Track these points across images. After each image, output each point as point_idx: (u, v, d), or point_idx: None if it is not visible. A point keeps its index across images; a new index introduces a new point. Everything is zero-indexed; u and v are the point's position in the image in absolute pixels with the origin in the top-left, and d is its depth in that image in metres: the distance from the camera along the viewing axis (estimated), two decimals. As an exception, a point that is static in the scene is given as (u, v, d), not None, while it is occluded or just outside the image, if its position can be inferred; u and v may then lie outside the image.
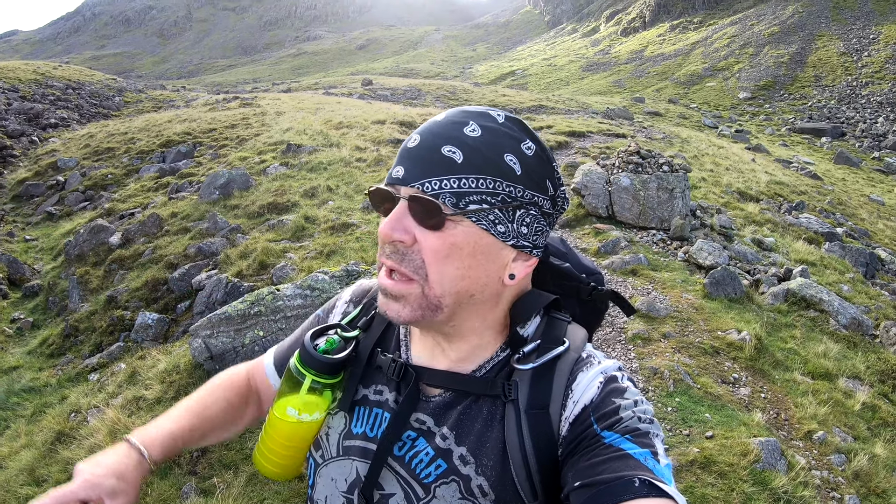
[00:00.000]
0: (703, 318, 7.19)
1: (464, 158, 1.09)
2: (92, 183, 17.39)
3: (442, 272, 1.10)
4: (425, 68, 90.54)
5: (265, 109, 24.16)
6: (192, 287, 9.45)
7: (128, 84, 46.37)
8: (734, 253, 9.87)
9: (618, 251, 9.41)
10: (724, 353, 6.51)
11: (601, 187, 11.10)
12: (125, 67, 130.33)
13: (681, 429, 5.08)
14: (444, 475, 1.14)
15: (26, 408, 7.88)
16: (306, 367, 1.24)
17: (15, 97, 29.22)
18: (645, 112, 38.69)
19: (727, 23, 77.40)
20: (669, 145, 20.13)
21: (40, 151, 21.81)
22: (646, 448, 1.01)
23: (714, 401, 5.53)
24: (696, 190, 13.89)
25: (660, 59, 71.81)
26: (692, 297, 7.74)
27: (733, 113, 47.97)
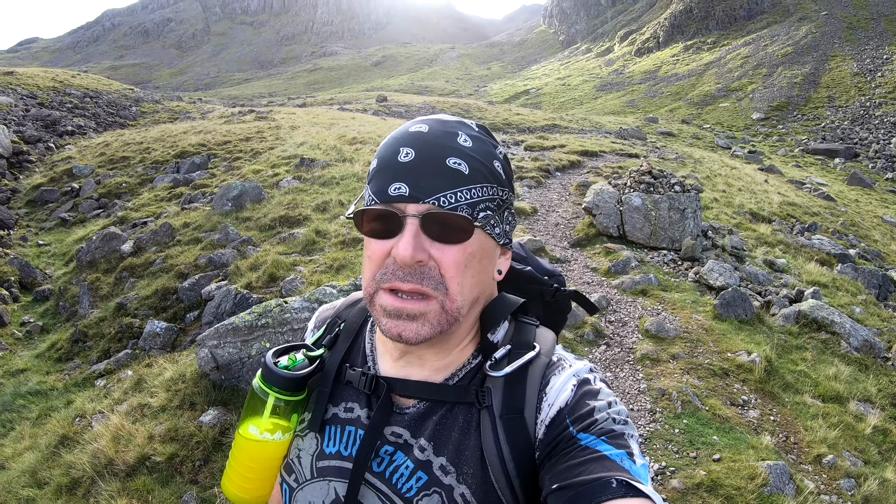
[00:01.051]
0: (712, 340, 7.14)
1: (469, 170, 1.11)
2: (106, 191, 17.54)
3: (462, 283, 1.11)
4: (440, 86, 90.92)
5: (280, 123, 24.33)
6: (201, 297, 9.47)
7: (145, 94, 46.84)
8: (745, 274, 9.82)
9: (628, 271, 9.38)
10: (733, 374, 6.46)
11: (612, 207, 11.09)
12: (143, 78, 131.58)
13: (688, 451, 5.04)
14: (426, 487, 1.13)
15: (32, 410, 7.90)
16: (268, 384, 1.22)
17: (33, 104, 29.54)
18: (658, 132, 38.71)
19: (740, 43, 77.49)
20: (682, 165, 20.12)
21: (56, 158, 22.02)
22: (621, 449, 1.01)
23: (722, 423, 5.48)
24: (708, 210, 13.86)
25: (673, 79, 71.91)
26: (702, 318, 7.70)
27: (746, 133, 47.95)
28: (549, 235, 11.28)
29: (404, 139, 1.13)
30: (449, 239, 1.09)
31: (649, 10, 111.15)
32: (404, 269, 1.09)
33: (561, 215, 12.52)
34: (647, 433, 5.28)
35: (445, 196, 1.08)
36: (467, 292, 1.12)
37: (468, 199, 1.10)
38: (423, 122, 1.16)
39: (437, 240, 1.09)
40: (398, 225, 1.09)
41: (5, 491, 5.58)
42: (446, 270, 1.09)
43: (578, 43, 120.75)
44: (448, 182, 1.09)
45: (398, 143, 1.13)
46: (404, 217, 1.09)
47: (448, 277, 1.09)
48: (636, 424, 5.39)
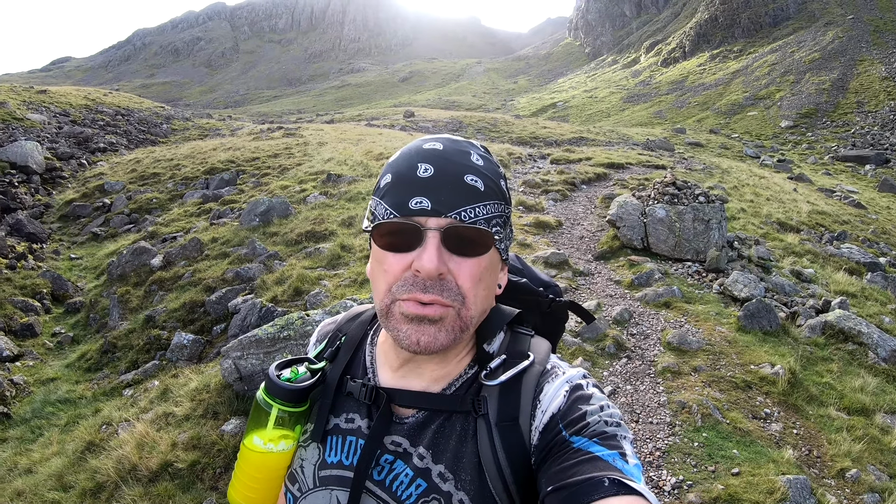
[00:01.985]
0: (735, 352, 7.06)
1: (484, 186, 1.16)
2: (137, 206, 17.86)
3: (476, 294, 1.15)
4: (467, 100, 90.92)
5: (308, 140, 24.56)
6: (228, 310, 9.60)
7: (175, 112, 47.53)
8: (771, 285, 9.70)
9: (651, 283, 9.33)
10: (756, 387, 6.38)
11: (636, 219, 11.04)
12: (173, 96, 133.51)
13: (706, 465, 4.99)
14: (425, 494, 1.16)
15: (61, 418, 8.10)
16: (272, 396, 1.25)
17: (66, 121, 30.14)
18: (686, 143, 38.40)
19: (767, 51, 76.62)
20: (709, 176, 19.95)
21: (88, 174, 22.43)
22: (614, 449, 1.04)
23: (743, 436, 5.41)
24: (735, 221, 13.72)
25: (700, 88, 71.31)
26: (725, 330, 7.62)
27: (775, 142, 47.28)
28: (574, 248, 11.25)
29: (420, 156, 1.17)
30: (467, 252, 1.13)
31: (674, 19, 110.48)
32: (425, 282, 1.12)
33: (586, 228, 12.49)
34: (665, 446, 5.24)
35: (465, 211, 1.12)
36: (480, 304, 1.17)
37: (485, 214, 1.14)
38: (437, 140, 1.20)
39: (455, 253, 1.13)
40: (418, 238, 1.12)
41: (32, 494, 5.72)
42: (463, 282, 1.13)
43: (604, 55, 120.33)
44: (467, 198, 1.13)
45: (414, 158, 1.17)
46: (425, 230, 1.12)
47: (465, 289, 1.14)
48: (654, 438, 5.36)
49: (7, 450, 7.50)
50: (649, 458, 5.09)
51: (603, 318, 7.91)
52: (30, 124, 26.56)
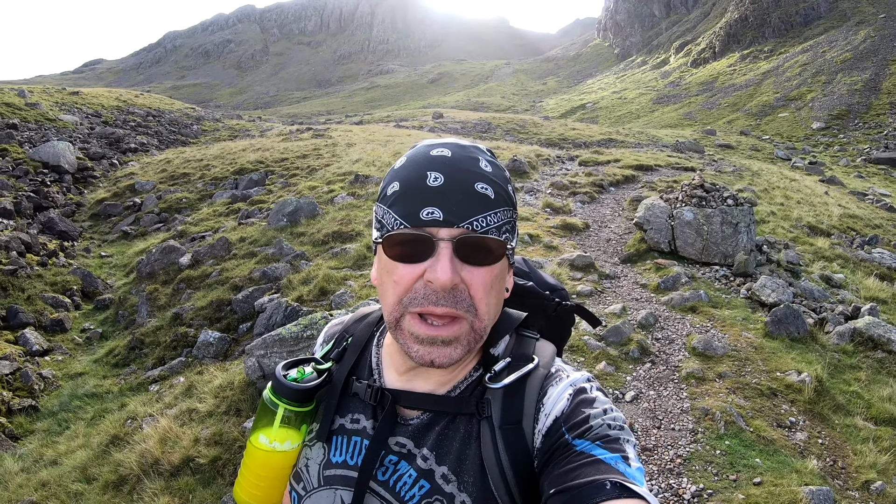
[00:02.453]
0: (761, 358, 6.95)
1: (494, 194, 1.14)
2: (167, 206, 18.12)
3: (489, 303, 1.15)
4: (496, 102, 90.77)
5: (336, 141, 24.70)
6: (254, 309, 9.69)
7: (206, 113, 48.09)
8: (800, 290, 9.55)
9: (678, 287, 9.24)
10: (781, 395, 6.27)
11: (664, 222, 10.94)
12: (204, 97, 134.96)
13: (728, 473, 4.92)
14: (428, 495, 1.16)
15: (87, 411, 8.27)
16: (278, 396, 1.26)
17: (98, 122, 30.65)
18: (716, 145, 37.98)
19: (798, 51, 75.35)
20: (739, 178, 19.72)
21: (119, 174, 22.79)
22: (616, 453, 1.04)
23: (766, 445, 5.32)
24: (765, 224, 13.54)
25: (731, 89, 70.45)
26: (752, 336, 7.51)
27: (807, 144, 46.52)
28: (600, 251, 11.19)
29: (430, 164, 1.15)
30: (479, 261, 1.12)
31: (704, 19, 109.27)
32: (438, 294, 1.10)
33: (613, 231, 12.41)
34: (686, 454, 5.17)
35: (478, 220, 1.11)
36: (493, 312, 1.17)
37: (496, 222, 1.13)
38: (445, 147, 1.18)
39: (467, 262, 1.11)
40: (430, 249, 1.11)
41: (56, 485, 5.84)
42: (475, 292, 1.12)
43: (634, 55, 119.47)
44: (478, 206, 1.12)
45: (423, 166, 1.15)
46: (437, 241, 1.11)
47: (477, 299, 1.13)
48: (676, 444, 5.30)
49: (34, 441, 7.68)
50: (670, 466, 5.04)
51: (628, 322, 7.84)
52: (62, 125, 27.04)
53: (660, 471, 4.98)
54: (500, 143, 26.39)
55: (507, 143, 27.31)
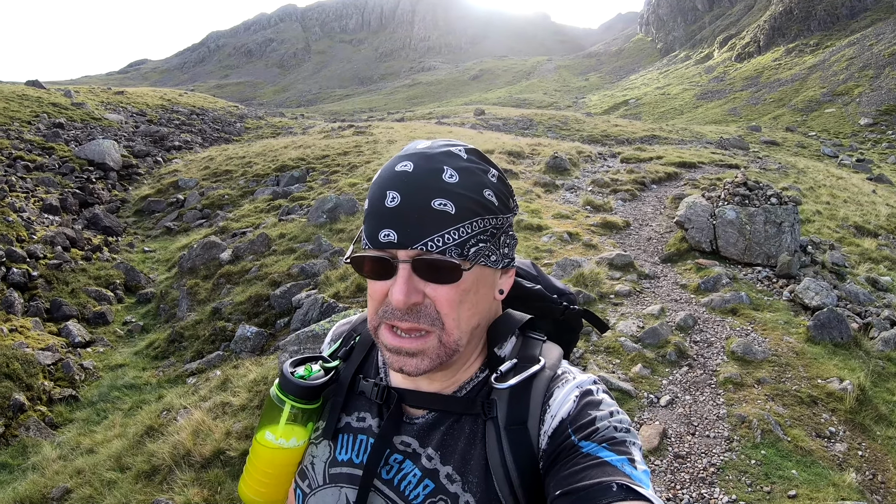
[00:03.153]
0: (802, 364, 6.76)
1: (456, 209, 1.11)
2: (209, 202, 18.44)
3: (458, 318, 1.14)
4: (538, 98, 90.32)
5: (377, 138, 24.84)
6: (291, 305, 9.82)
7: (249, 111, 48.77)
8: (844, 293, 9.27)
9: (718, 288, 9.06)
10: (821, 403, 6.08)
11: (705, 220, 10.75)
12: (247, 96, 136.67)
13: (762, 485, 4.78)
14: (433, 495, 1.16)
15: (125, 402, 8.49)
16: (285, 393, 1.26)
17: (142, 121, 31.30)
18: (761, 141, 37.26)
19: (844, 44, 73.20)
20: (784, 176, 19.32)
21: (163, 171, 23.26)
22: (623, 455, 1.04)
23: (804, 456, 5.17)
24: (809, 224, 13.22)
25: (776, 84, 68.98)
26: (793, 341, 7.31)
27: (854, 140, 45.26)
28: (640, 250, 11.05)
29: (390, 181, 1.14)
30: (441, 280, 1.11)
31: (748, 13, 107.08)
32: (401, 310, 1.12)
33: (654, 229, 12.25)
34: (720, 462, 5.06)
35: (433, 240, 1.09)
36: (464, 325, 1.15)
37: (456, 238, 1.11)
38: (409, 160, 1.16)
39: (430, 280, 1.11)
40: (391, 269, 1.13)
41: (91, 472, 5.98)
42: (441, 307, 1.12)
43: (677, 50, 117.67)
44: (434, 225, 1.10)
45: (385, 186, 1.14)
46: (396, 262, 1.12)
47: (444, 314, 1.12)
48: (710, 452, 5.19)
49: (72, 430, 7.89)
50: (703, 474, 4.93)
51: (666, 324, 7.71)
52: (107, 124, 27.64)
53: (692, 479, 4.88)
54: (542, 139, 26.25)
55: (548, 139, 27.17)
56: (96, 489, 5.69)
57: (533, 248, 10.77)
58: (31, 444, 7.62)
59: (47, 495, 5.84)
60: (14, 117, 23.72)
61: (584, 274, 9.12)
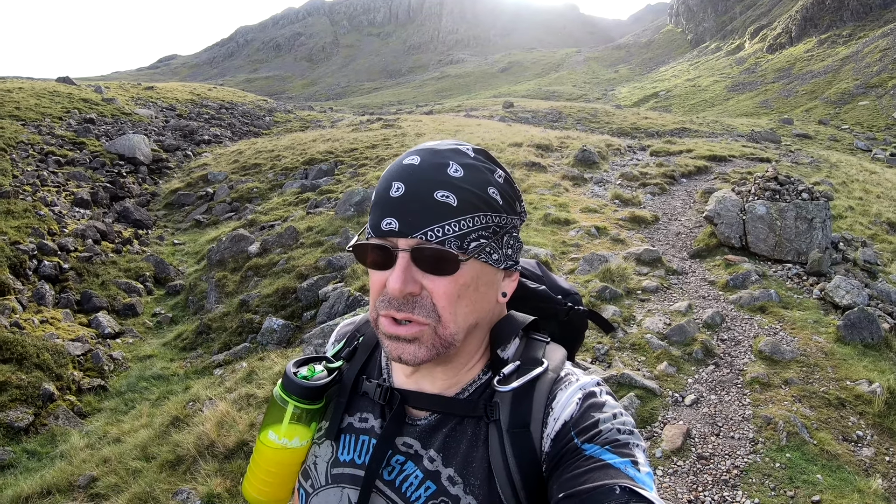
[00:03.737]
0: (831, 365, 6.63)
1: (458, 201, 1.12)
2: (238, 195, 18.60)
3: (455, 312, 1.14)
4: (567, 90, 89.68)
5: (406, 131, 24.88)
6: (318, 297, 9.89)
7: (278, 105, 49.06)
8: (876, 292, 9.07)
9: (747, 285, 8.95)
10: (850, 406, 5.94)
11: (735, 216, 10.62)
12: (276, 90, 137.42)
13: (786, 489, 4.70)
14: (434, 496, 1.16)
15: (153, 392, 8.65)
16: (288, 393, 1.27)
17: (172, 115, 31.62)
18: (793, 134, 36.69)
19: (878, 35, 71.37)
20: (816, 170, 19.00)
21: (193, 165, 23.49)
22: (626, 458, 1.03)
23: (830, 460, 5.06)
24: (841, 220, 12.99)
25: (808, 76, 67.67)
26: (823, 341, 7.17)
27: (888, 134, 44.17)
28: (669, 245, 10.95)
29: (397, 174, 1.16)
30: (439, 271, 1.12)
31: (779, 2, 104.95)
32: (398, 300, 1.13)
33: (683, 224, 12.14)
34: (744, 465, 4.98)
35: (433, 230, 1.10)
36: (461, 320, 1.15)
37: (456, 231, 1.12)
38: (417, 154, 1.18)
39: (428, 272, 1.12)
40: (391, 258, 1.14)
41: (117, 461, 6.09)
42: (438, 300, 1.13)
43: (707, 41, 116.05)
44: (435, 216, 1.11)
45: (391, 177, 1.16)
46: (396, 251, 1.13)
47: (440, 307, 1.13)
48: (734, 454, 5.11)
49: (100, 419, 8.03)
50: (725, 476, 4.86)
51: (693, 321, 7.63)
52: (137, 118, 27.95)
53: (714, 481, 4.82)
54: (571, 132, 26.11)
55: (577, 132, 27.02)
56: (121, 477, 5.78)
57: (560, 242, 10.72)
58: (60, 433, 7.79)
59: (74, 483, 5.95)
60: (45, 113, 24.06)
61: (610, 269, 9.06)
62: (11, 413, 7.97)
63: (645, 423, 5.65)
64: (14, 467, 7.12)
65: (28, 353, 8.99)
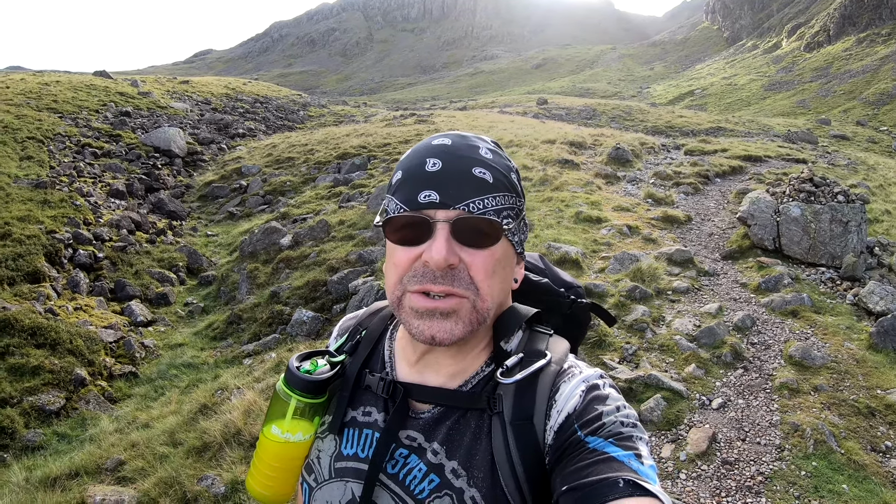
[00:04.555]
0: (862, 373, 6.50)
1: (493, 178, 1.17)
2: (271, 188, 18.81)
3: (492, 286, 1.16)
4: (602, 88, 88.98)
5: (439, 126, 24.98)
6: (348, 291, 9.99)
7: (312, 99, 49.35)
8: (911, 298, 8.91)
9: (780, 289, 8.82)
10: (880, 415, 5.81)
11: (769, 217, 10.48)
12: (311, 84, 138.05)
13: (810, 498, 4.63)
14: (438, 489, 1.17)
15: (182, 380, 8.81)
16: (291, 387, 1.27)
17: (207, 109, 31.98)
18: (830, 135, 36.05)
19: (918, 34, 70.07)
20: (853, 172, 18.68)
21: (227, 158, 23.76)
22: (629, 450, 1.03)
23: (857, 470, 4.97)
24: (878, 224, 12.74)
25: (846, 76, 66.26)
26: (854, 347, 7.04)
27: (928, 137, 43.36)
28: (701, 246, 10.85)
29: (429, 151, 1.18)
30: (478, 244, 1.14)
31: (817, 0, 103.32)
32: (435, 273, 1.13)
33: (716, 224, 12.02)
34: (769, 472, 4.92)
35: (474, 202, 1.13)
36: (496, 294, 1.18)
37: (494, 205, 1.15)
38: (446, 136, 1.21)
39: (467, 245, 1.14)
40: (428, 231, 1.13)
41: (145, 446, 6.20)
42: (476, 273, 1.14)
43: (744, 39, 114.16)
44: (475, 189, 1.14)
45: (423, 155, 1.18)
46: (434, 223, 1.13)
47: (478, 280, 1.14)
48: (759, 461, 5.05)
49: (130, 405, 8.21)
50: (749, 483, 4.81)
51: (723, 324, 7.56)
52: (173, 112, 28.32)
53: (738, 487, 4.77)
54: (605, 130, 25.96)
55: (611, 130, 26.87)
56: (148, 462, 5.89)
57: (591, 240, 10.67)
58: (90, 417, 7.99)
59: (102, 465, 6.06)
60: (82, 106, 24.49)
61: (641, 269, 9.01)
62: (43, 396, 8.18)
63: (671, 426, 5.61)
64: (44, 449, 7.33)
65: (61, 339, 9.20)
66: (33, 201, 13.70)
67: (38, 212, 13.17)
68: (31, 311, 9.74)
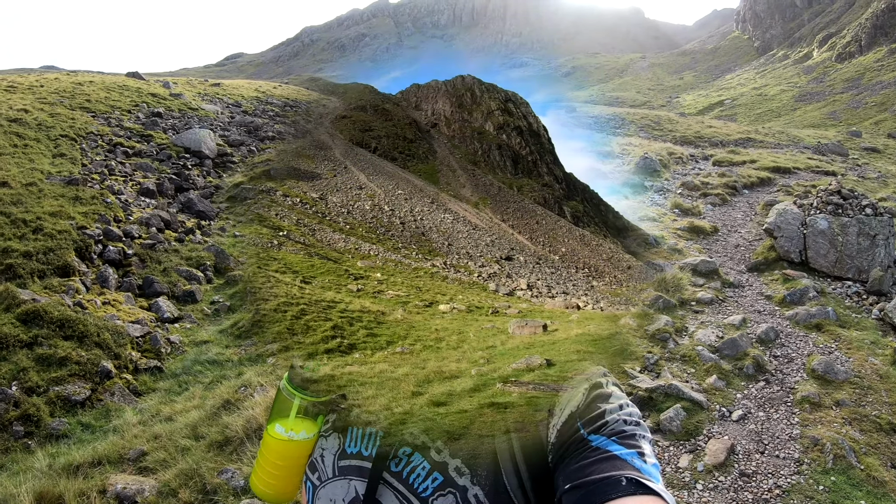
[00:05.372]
0: (886, 389, 6.43)
1: None
2: (299, 192, 18.85)
3: None
4: (631, 97, 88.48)
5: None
6: (366, 293, 9.98)
7: (340, 103, 49.33)
8: (940, 314, 8.80)
9: (804, 302, 8.76)
10: (902, 431, 5.75)
11: (795, 229, 10.40)
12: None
13: (828, 512, 4.59)
14: (441, 487, 1.17)
15: (206, 376, 8.90)
16: (295, 386, 1.30)
17: (238, 111, 32.16)
18: (861, 148, 35.53)
19: (950, 44, 68.72)
20: (883, 186, 18.44)
21: (256, 160, 23.86)
22: (632, 449, 1.04)
23: (876, 487, 4.90)
24: (907, 239, 12.58)
25: (878, 87, 65.22)
26: (879, 363, 6.96)
27: (961, 151, 42.52)
28: (727, 257, 10.80)
29: None
30: None
31: (849, 9, 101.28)
32: None
33: (743, 236, 11.97)
34: (787, 485, 4.88)
35: None
36: None
37: None
38: None
39: None
40: None
41: (167, 438, 6.29)
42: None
43: (774, 49, 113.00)
44: None
45: None
46: None
47: None
48: (777, 473, 5.03)
49: (154, 399, 8.33)
50: (767, 496, 4.77)
51: (746, 336, 7.53)
52: (204, 114, 28.55)
53: (755, 500, 4.74)
54: (633, 139, 25.91)
55: (640, 139, 26.79)
56: (170, 454, 5.98)
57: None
58: (115, 409, 8.11)
59: (124, 455, 6.17)
60: (115, 106, 24.79)
61: (665, 279, 9.00)
62: (69, 387, 8.32)
63: (689, 436, 5.60)
64: (68, 437, 7.45)
65: (89, 332, 9.34)
66: (65, 197, 13.91)
67: (70, 208, 13.37)
68: (60, 304, 9.90)
